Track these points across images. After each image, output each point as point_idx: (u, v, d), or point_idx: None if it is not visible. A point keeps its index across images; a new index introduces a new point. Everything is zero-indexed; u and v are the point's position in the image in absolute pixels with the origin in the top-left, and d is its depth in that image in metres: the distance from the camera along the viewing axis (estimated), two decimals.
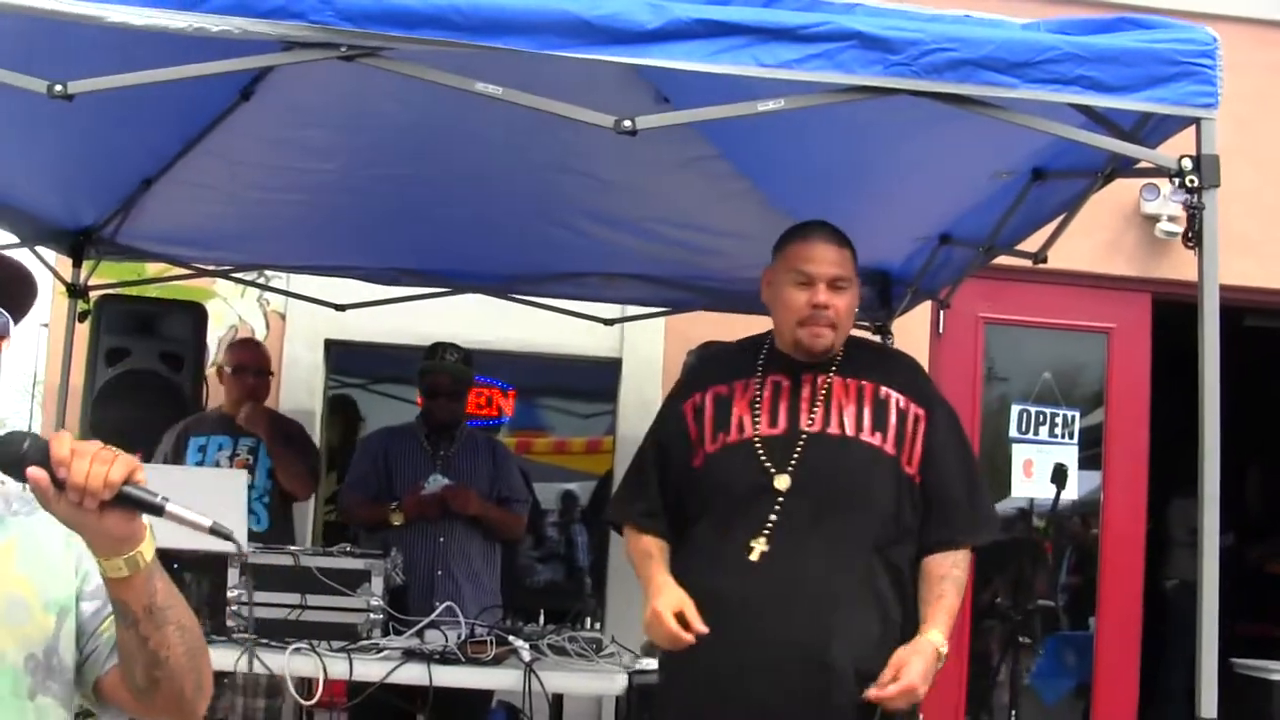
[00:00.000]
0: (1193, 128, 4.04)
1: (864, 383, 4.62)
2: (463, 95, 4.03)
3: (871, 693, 4.32)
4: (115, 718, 2.90)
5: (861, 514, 4.52)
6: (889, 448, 4.55)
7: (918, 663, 4.35)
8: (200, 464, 7.30)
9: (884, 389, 4.61)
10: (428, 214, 6.94)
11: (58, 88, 3.88)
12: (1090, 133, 4.17)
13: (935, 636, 4.44)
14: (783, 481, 4.46)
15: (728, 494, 4.56)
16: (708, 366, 4.97)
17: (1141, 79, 3.91)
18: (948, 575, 4.55)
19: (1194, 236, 3.96)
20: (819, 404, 4.57)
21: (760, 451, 4.53)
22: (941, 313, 8.61)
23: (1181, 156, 3.98)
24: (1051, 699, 9.45)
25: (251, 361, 7.69)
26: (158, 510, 2.42)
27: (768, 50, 3.88)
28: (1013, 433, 9.03)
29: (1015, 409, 9.08)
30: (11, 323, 2.78)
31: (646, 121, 3.99)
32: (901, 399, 4.61)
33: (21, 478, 2.41)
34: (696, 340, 7.25)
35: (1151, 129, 4.23)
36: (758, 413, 4.58)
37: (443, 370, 7.57)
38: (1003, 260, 6.27)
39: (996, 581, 9.37)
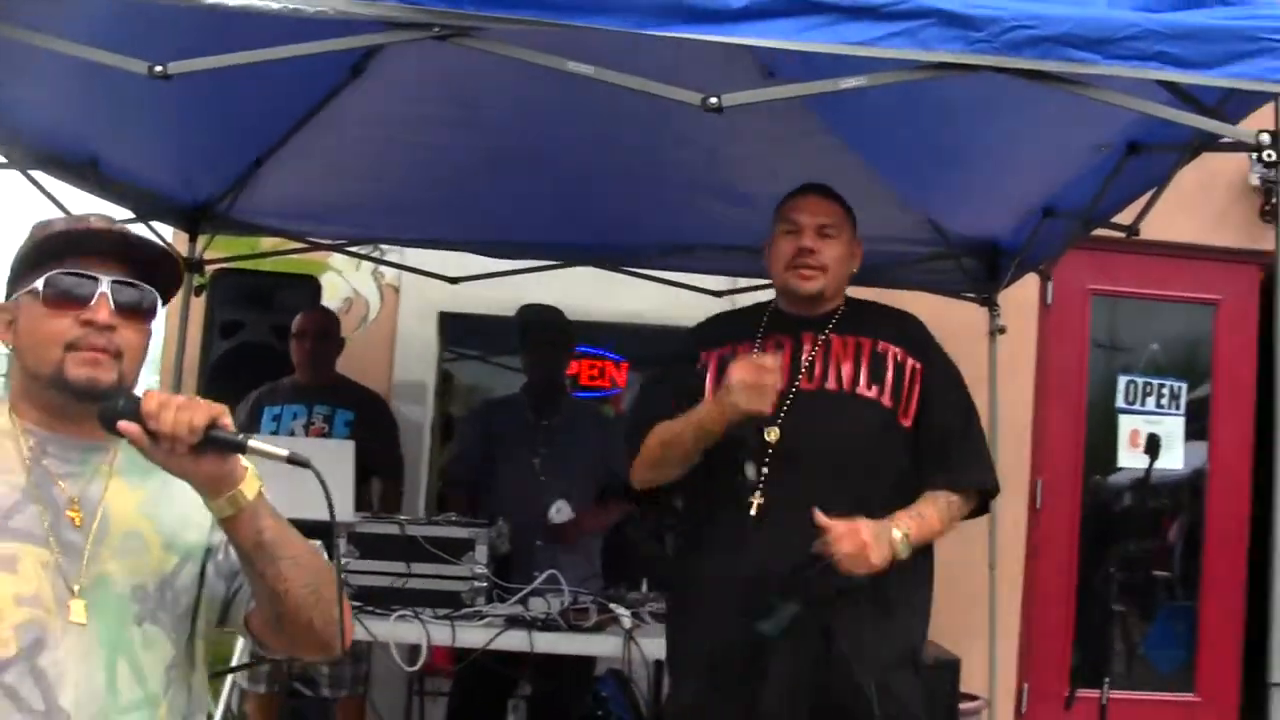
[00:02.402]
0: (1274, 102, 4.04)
1: (861, 339, 4.71)
2: (558, 72, 4.10)
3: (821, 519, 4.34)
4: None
5: (853, 468, 4.59)
6: (886, 400, 4.65)
7: (869, 526, 4.38)
8: (275, 433, 7.33)
9: (881, 343, 4.71)
10: (539, 186, 6.99)
11: (157, 69, 3.96)
12: (1171, 108, 4.17)
13: (896, 531, 4.43)
14: (772, 434, 4.53)
15: (723, 450, 4.60)
16: (705, 332, 5.01)
17: (1222, 55, 3.89)
18: (934, 499, 4.61)
19: (1272, 209, 3.97)
20: (816, 360, 4.66)
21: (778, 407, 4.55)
22: (1049, 284, 8.61)
23: (1260, 131, 3.99)
24: (1166, 667, 9.43)
25: (310, 326, 7.69)
26: (241, 447, 2.70)
27: (852, 28, 3.90)
28: (1119, 403, 9.01)
29: (1122, 380, 9.05)
30: (160, 302, 3.01)
31: (733, 99, 4.02)
32: (899, 352, 4.71)
33: (114, 430, 2.71)
34: None
35: (1235, 104, 4.22)
36: None
37: (537, 321, 7.64)
38: (1109, 232, 6.27)
39: (1108, 550, 9.35)
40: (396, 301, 9.18)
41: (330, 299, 8.48)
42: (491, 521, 6.19)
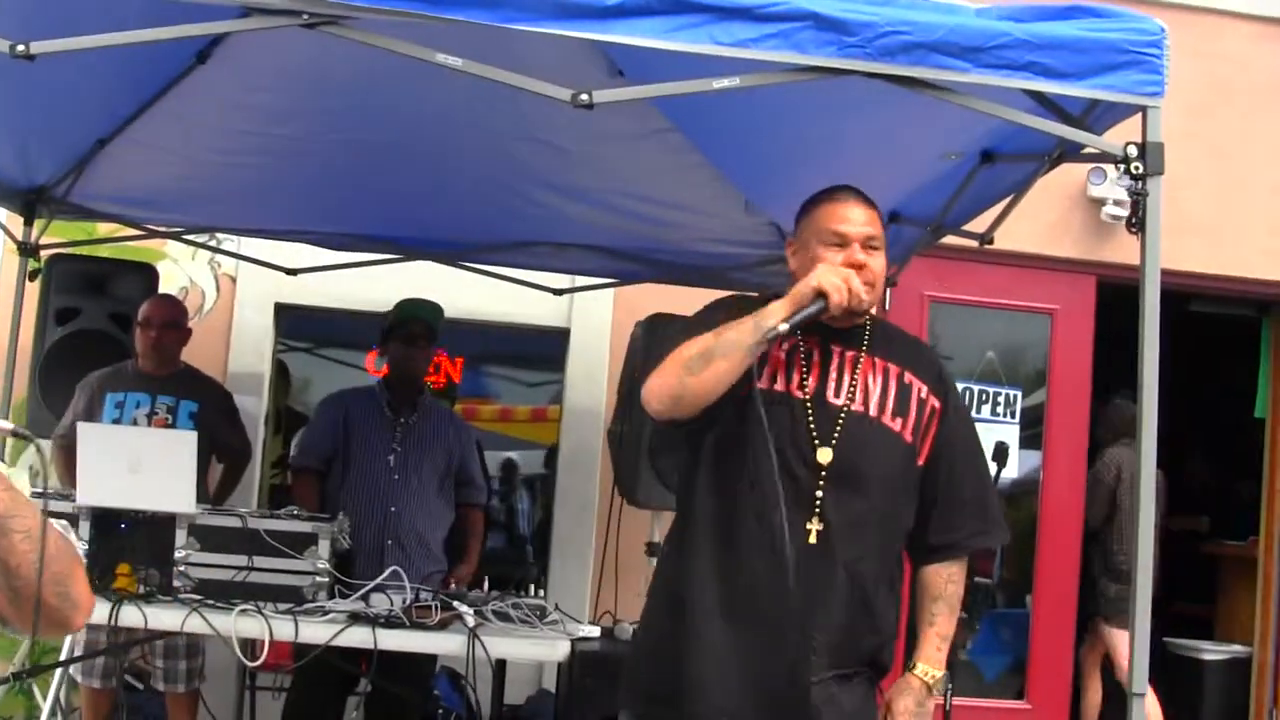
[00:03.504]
0: (1139, 115, 4.10)
1: (890, 365, 4.43)
2: (420, 63, 4.06)
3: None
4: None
5: (879, 499, 4.34)
6: (907, 435, 4.38)
7: (901, 704, 4.35)
8: (118, 421, 7.25)
9: (908, 374, 4.43)
10: (381, 180, 6.95)
11: (20, 48, 3.89)
12: (1039, 118, 4.22)
13: (921, 669, 4.38)
14: (825, 455, 4.24)
15: (767, 450, 4.16)
16: (743, 311, 4.36)
17: (1091, 66, 3.97)
18: (941, 595, 4.45)
19: (1138, 222, 4.02)
20: (846, 378, 4.37)
21: (793, 414, 4.29)
22: (888, 291, 8.68)
23: (1127, 144, 4.04)
24: (989, 675, 9.54)
25: (155, 315, 7.53)
26: None
27: (725, 29, 3.91)
28: None
29: (959, 386, 9.14)
30: None
31: (604, 96, 4.02)
32: (924, 388, 4.43)
33: None
34: (645, 312, 7.28)
35: (1099, 115, 4.29)
36: (790, 370, 4.33)
37: (419, 316, 7.56)
38: (949, 240, 6.34)
39: None
40: (233, 292, 9.08)
41: (166, 287, 8.35)
42: (334, 516, 6.12)
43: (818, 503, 4.22)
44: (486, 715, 6.53)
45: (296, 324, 9.90)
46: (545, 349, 9.82)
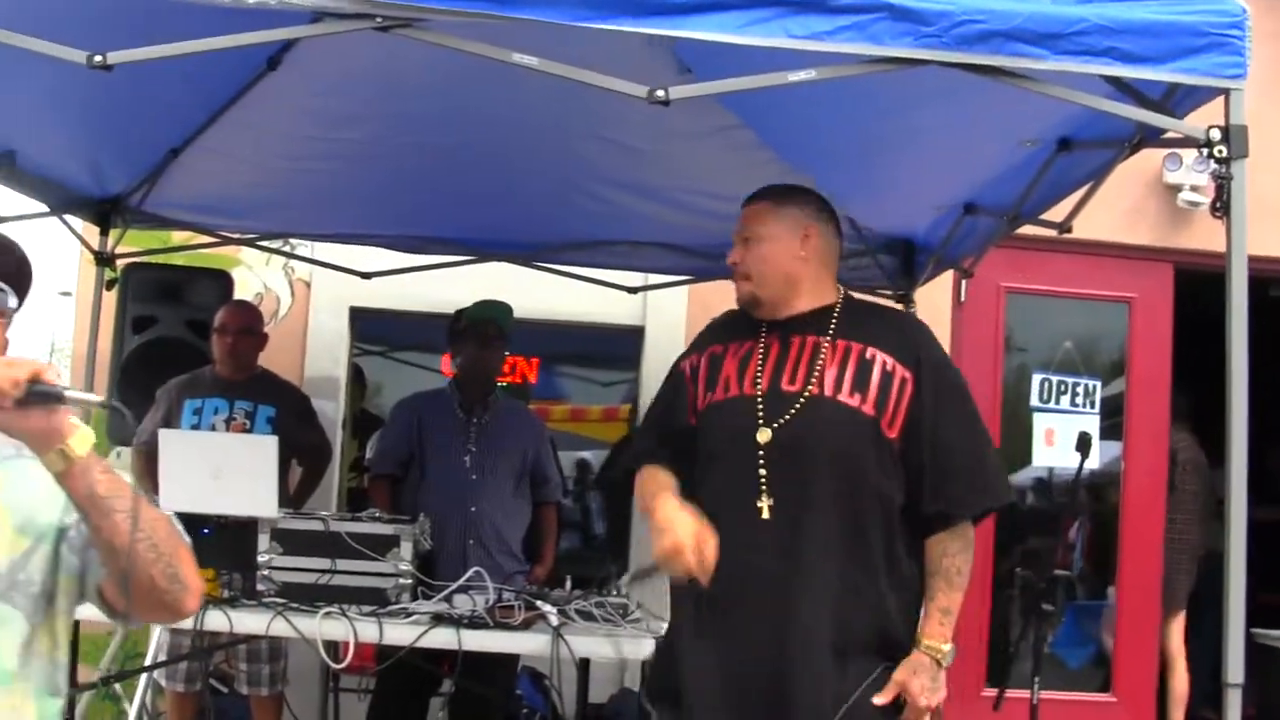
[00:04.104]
0: (1221, 98, 4.03)
1: (851, 344, 4.50)
2: (489, 63, 4.05)
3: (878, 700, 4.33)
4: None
5: (835, 474, 4.38)
6: (867, 408, 4.41)
7: (916, 684, 4.35)
8: (196, 427, 7.30)
9: (870, 349, 4.48)
10: (453, 182, 6.95)
11: (97, 58, 3.90)
12: (1119, 103, 4.18)
13: (927, 645, 4.40)
14: (764, 435, 4.38)
15: (714, 450, 4.52)
16: (712, 330, 4.87)
17: (1170, 50, 3.91)
18: (938, 569, 4.47)
19: (1222, 207, 3.97)
20: (802, 365, 4.49)
21: (741, 409, 4.45)
22: (964, 282, 8.64)
23: (1210, 127, 3.98)
24: (1073, 665, 9.49)
25: (231, 322, 7.59)
26: (60, 398, 2.76)
27: (799, 22, 3.89)
28: (1034, 402, 9.05)
29: (1037, 378, 9.10)
30: (15, 300, 3.06)
31: (680, 92, 4.01)
32: (889, 360, 4.46)
33: None
34: (719, 309, 7.14)
35: (1180, 99, 4.23)
36: (743, 372, 4.53)
37: (491, 317, 7.56)
38: (1024, 230, 6.28)
39: (1017, 550, 9.40)
40: (308, 296, 9.13)
41: (241, 294, 8.41)
42: (415, 518, 6.13)
43: (762, 481, 4.35)
44: (570, 715, 6.52)
45: (372, 327, 9.94)
46: (620, 347, 9.82)
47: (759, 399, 4.45)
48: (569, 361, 11.40)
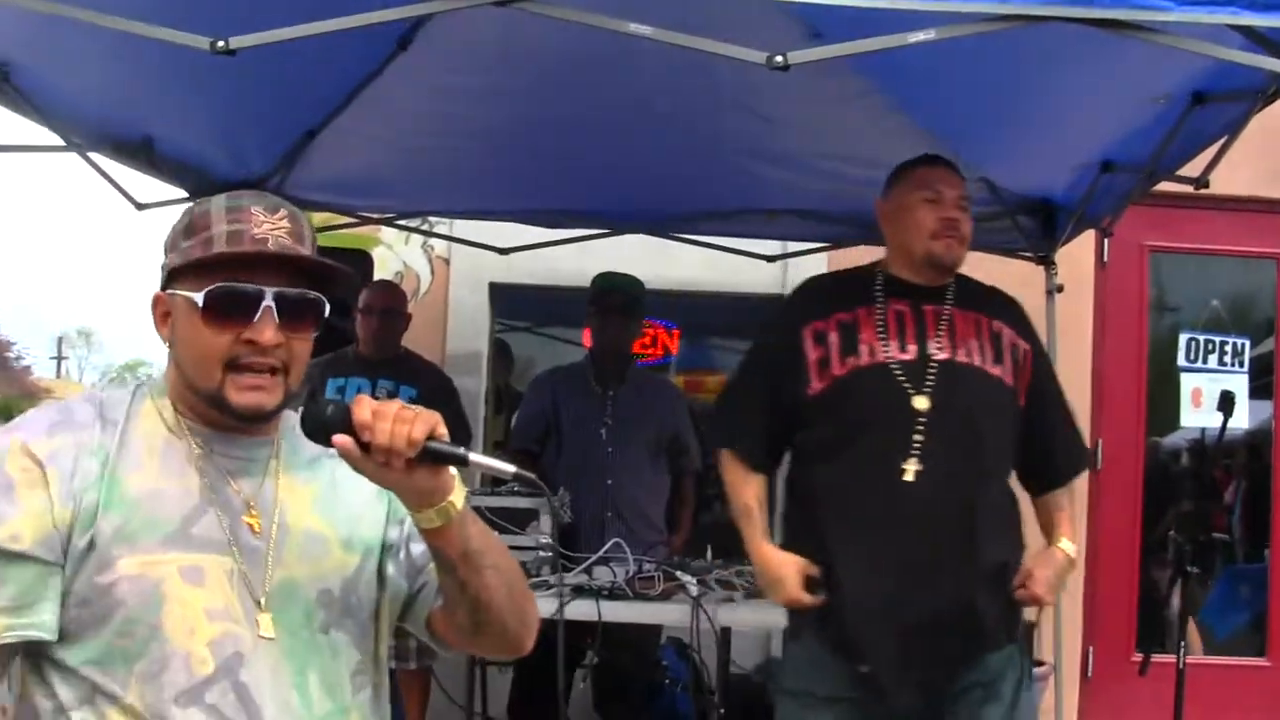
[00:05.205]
0: None
1: (979, 316, 4.78)
2: (618, 36, 4.04)
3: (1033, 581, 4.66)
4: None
5: (991, 439, 4.69)
6: (1008, 379, 4.73)
7: (1042, 572, 4.68)
8: None
9: (996, 323, 4.79)
10: (587, 155, 6.93)
11: (220, 43, 3.92)
12: (1250, 53, 4.08)
13: (1065, 545, 4.78)
14: (921, 402, 4.57)
15: (864, 416, 4.67)
16: (820, 297, 4.96)
17: None
18: (1062, 493, 4.93)
19: None
20: (943, 332, 4.70)
21: (898, 374, 4.64)
22: (1106, 242, 8.53)
23: None
24: (1224, 632, 9.34)
25: (376, 302, 7.72)
26: (462, 461, 2.53)
27: None
28: (1181, 362, 8.91)
29: (1183, 338, 8.95)
30: (328, 306, 2.77)
31: (798, 57, 3.95)
32: (1010, 333, 4.80)
33: (326, 442, 2.52)
34: None
35: None
36: (885, 338, 4.70)
37: (615, 287, 7.59)
38: (1166, 187, 6.18)
39: (1171, 513, 9.28)
40: (447, 274, 9.20)
41: (382, 273, 8.50)
42: (554, 491, 6.15)
43: (915, 446, 4.55)
44: (714, 683, 6.53)
45: (514, 303, 10.00)
46: (762, 317, 9.77)
47: (914, 364, 4.64)
48: (711, 332, 11.38)
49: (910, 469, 4.53)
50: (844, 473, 4.67)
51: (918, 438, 4.55)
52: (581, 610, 5.68)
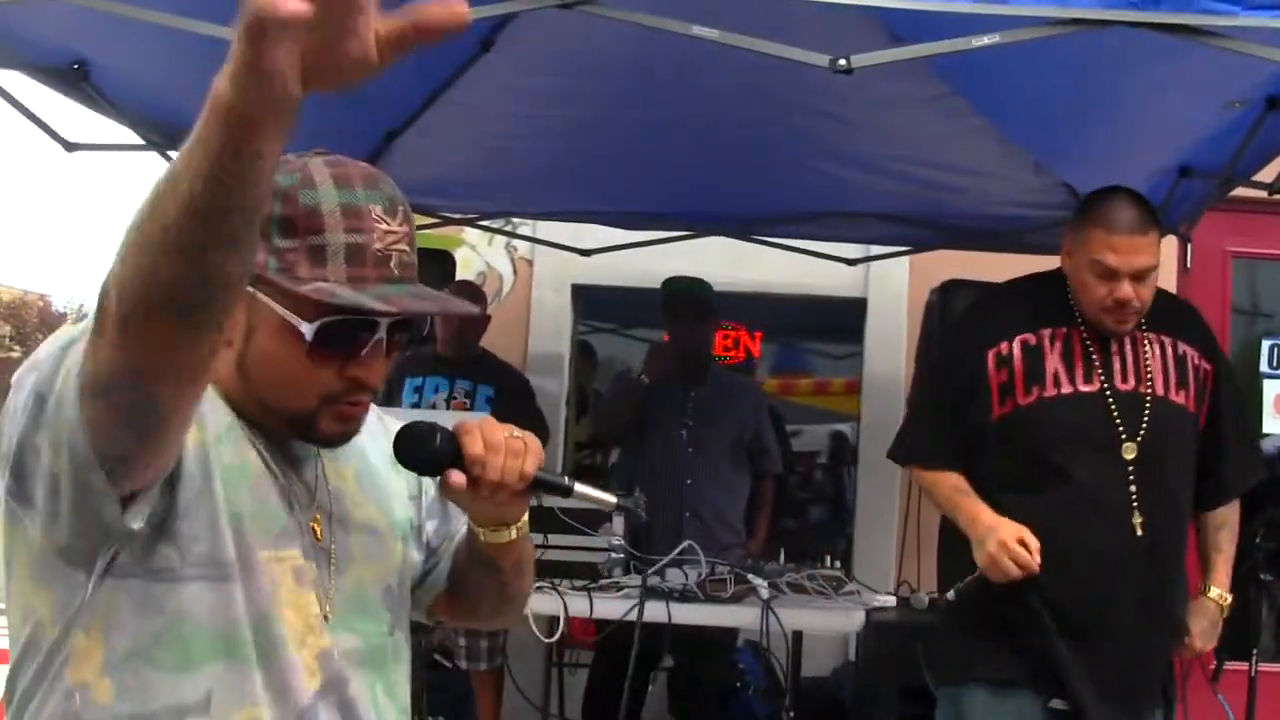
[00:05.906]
0: None
1: (1164, 338, 4.61)
2: (693, 39, 4.04)
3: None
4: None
5: (1183, 477, 4.61)
6: (1191, 405, 4.61)
7: (1197, 626, 4.74)
8: (416, 405, 7.41)
9: (1181, 345, 4.63)
10: (668, 157, 6.96)
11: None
12: None
13: (1215, 593, 4.76)
14: (1129, 451, 4.46)
15: (1055, 453, 4.52)
16: (1009, 312, 4.73)
17: None
18: (1224, 524, 4.81)
19: None
20: (1130, 360, 4.56)
21: (1086, 408, 4.51)
22: (1189, 247, 8.47)
23: None
24: None
25: None
26: (566, 491, 2.41)
27: None
28: (1264, 368, 8.83)
29: (1266, 344, 8.87)
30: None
31: (862, 60, 3.97)
32: (1195, 354, 4.64)
33: (429, 473, 2.36)
34: (940, 279, 7.20)
35: None
36: (1071, 365, 4.53)
37: (679, 292, 7.62)
38: (1247, 193, 6.16)
39: (1258, 520, 9.18)
40: (530, 275, 9.24)
41: (464, 273, 8.54)
42: (629, 492, 6.17)
43: (1134, 497, 4.46)
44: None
45: (598, 305, 10.04)
46: (843, 319, 9.78)
47: (1105, 399, 4.51)
48: (793, 334, 11.38)
49: (1137, 522, 4.45)
50: (1038, 504, 4.52)
51: (1132, 487, 4.47)
52: (651, 612, 5.70)
